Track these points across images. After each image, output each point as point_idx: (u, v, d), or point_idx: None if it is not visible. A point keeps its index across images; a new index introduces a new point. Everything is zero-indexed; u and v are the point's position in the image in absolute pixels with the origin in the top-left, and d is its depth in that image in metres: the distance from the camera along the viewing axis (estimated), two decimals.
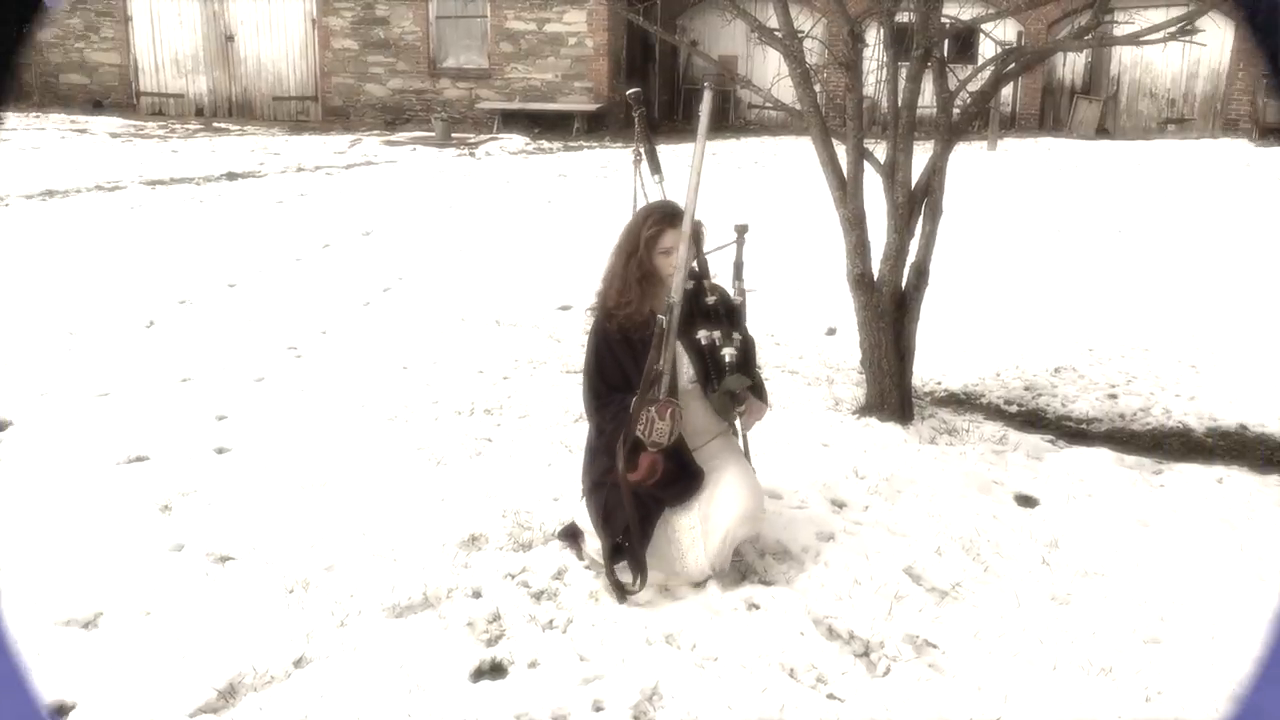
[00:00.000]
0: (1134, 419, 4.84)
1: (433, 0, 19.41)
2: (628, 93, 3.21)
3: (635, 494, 2.88)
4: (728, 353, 2.94)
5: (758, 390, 3.09)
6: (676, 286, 2.87)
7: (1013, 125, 20.26)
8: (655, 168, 3.17)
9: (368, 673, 2.58)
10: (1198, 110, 20.12)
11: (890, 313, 4.39)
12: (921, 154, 4.20)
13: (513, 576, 3.06)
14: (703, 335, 2.96)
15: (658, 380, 2.86)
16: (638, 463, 2.85)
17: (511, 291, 6.95)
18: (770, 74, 18.90)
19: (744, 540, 3.07)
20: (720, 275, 3.19)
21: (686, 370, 3.02)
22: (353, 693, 2.50)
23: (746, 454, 3.19)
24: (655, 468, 2.85)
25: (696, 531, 2.98)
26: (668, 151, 3.20)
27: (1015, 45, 5.43)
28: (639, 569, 2.92)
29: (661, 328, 2.86)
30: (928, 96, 4.26)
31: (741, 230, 3.12)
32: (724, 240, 3.17)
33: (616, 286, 2.99)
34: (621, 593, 2.95)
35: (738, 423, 3.09)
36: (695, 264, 3.03)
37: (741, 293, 3.12)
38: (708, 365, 2.98)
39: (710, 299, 3.01)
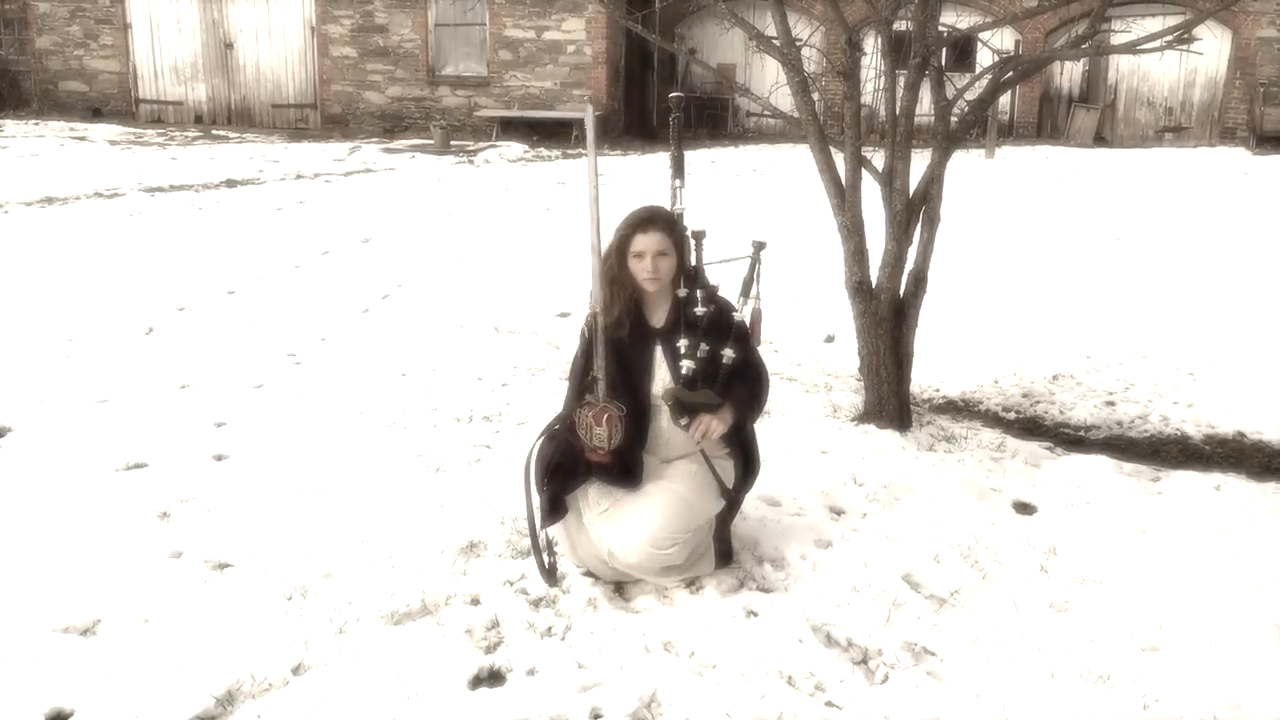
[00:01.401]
0: (1132, 426, 4.85)
1: (432, 8, 19.47)
2: (670, 96, 3.26)
3: (568, 445, 2.94)
4: (685, 365, 2.92)
5: (740, 413, 2.97)
6: (594, 295, 2.91)
7: (1010, 133, 20.32)
8: (678, 172, 3.18)
9: (366, 680, 2.58)
10: (1195, 118, 20.19)
11: (888, 320, 4.40)
12: (919, 162, 4.22)
13: (511, 584, 3.06)
14: (682, 345, 2.95)
15: (593, 385, 2.91)
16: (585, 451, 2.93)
17: (510, 298, 6.96)
18: (769, 82, 18.98)
19: (652, 566, 2.93)
20: (726, 288, 3.16)
21: (664, 378, 2.99)
22: (351, 700, 2.50)
23: (719, 477, 3.03)
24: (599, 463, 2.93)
25: (605, 516, 2.95)
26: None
27: (1013, 54, 5.45)
28: (555, 509, 2.95)
29: (585, 336, 2.94)
30: (926, 105, 4.28)
31: (759, 246, 3.10)
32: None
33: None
34: (550, 576, 2.97)
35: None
36: (692, 270, 3.04)
37: (758, 312, 3.10)
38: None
39: (699, 309, 2.97)
